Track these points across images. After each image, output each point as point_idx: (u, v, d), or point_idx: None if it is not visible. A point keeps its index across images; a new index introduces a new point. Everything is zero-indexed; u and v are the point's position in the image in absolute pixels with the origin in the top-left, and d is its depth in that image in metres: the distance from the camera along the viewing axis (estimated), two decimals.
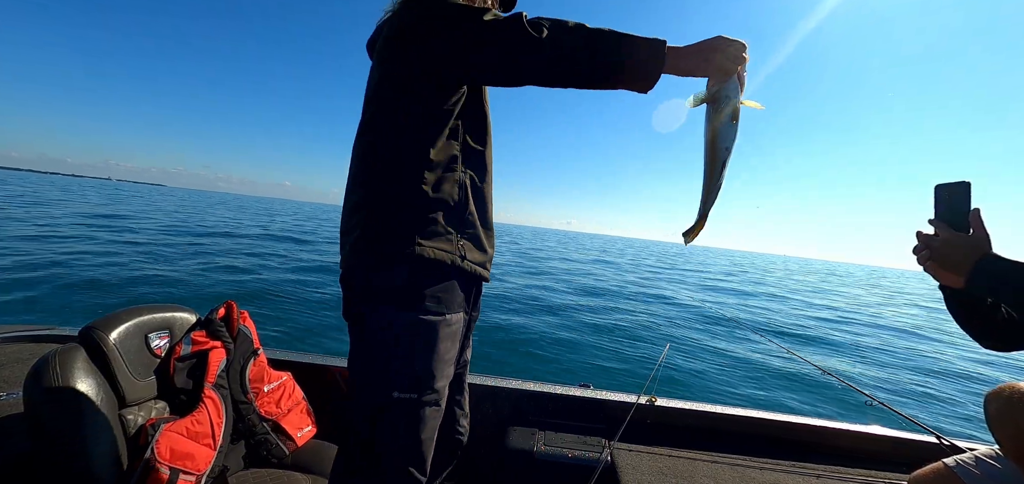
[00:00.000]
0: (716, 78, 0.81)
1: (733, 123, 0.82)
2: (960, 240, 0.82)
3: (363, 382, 0.87)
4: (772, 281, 24.06)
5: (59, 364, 0.93)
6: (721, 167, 0.86)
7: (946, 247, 0.83)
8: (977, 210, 0.82)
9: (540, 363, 5.41)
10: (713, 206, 0.89)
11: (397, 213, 0.85)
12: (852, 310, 14.20)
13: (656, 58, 0.77)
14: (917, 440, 1.62)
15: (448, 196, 0.89)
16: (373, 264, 0.84)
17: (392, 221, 0.84)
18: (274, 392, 1.45)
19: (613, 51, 0.77)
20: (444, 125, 0.89)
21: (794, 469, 1.50)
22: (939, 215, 0.87)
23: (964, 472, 1.05)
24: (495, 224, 1.02)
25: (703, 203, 0.89)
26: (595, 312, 8.91)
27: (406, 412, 0.85)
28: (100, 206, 25.86)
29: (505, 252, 24.78)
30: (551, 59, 0.78)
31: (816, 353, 7.53)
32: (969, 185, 0.83)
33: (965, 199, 0.84)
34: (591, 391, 1.78)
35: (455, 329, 0.91)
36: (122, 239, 12.39)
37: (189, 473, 1.05)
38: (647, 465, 1.45)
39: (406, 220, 0.85)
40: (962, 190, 0.84)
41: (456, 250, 0.89)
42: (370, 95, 0.93)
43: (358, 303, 0.88)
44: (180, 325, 1.29)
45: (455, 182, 0.90)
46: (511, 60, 0.80)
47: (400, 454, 0.86)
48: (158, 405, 1.17)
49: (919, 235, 0.90)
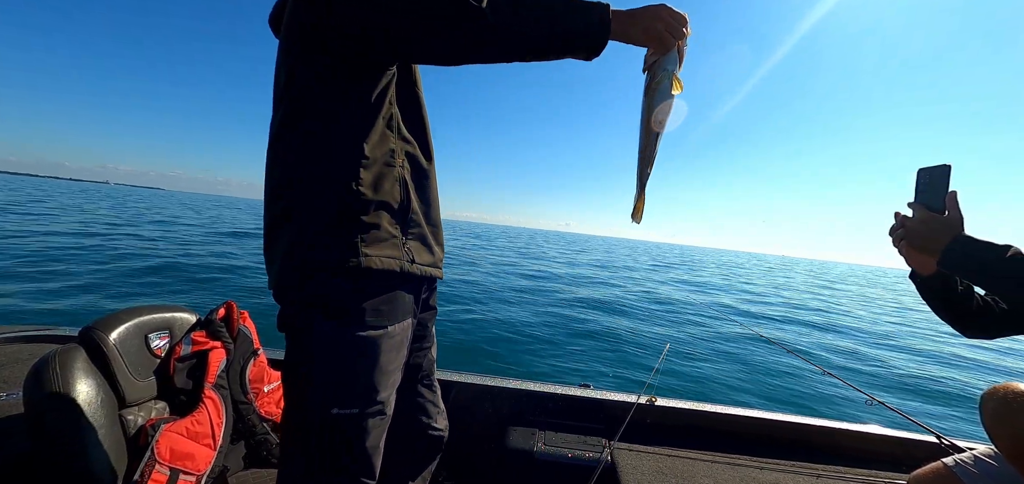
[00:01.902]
0: (655, 49, 0.78)
1: (671, 96, 0.80)
2: (934, 220, 0.83)
3: (300, 399, 0.78)
4: (771, 281, 24.09)
5: (59, 364, 0.93)
6: (655, 139, 0.84)
7: (920, 226, 0.84)
8: (954, 193, 0.82)
9: (542, 360, 5.41)
10: (649, 177, 0.87)
11: (335, 220, 0.75)
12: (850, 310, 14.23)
13: (603, 23, 0.72)
14: (917, 440, 1.62)
15: (389, 195, 0.80)
16: (309, 277, 0.76)
17: (330, 229, 0.75)
18: (274, 392, 1.45)
19: (561, 18, 0.69)
20: (377, 114, 0.80)
21: (794, 469, 1.50)
22: (918, 198, 0.88)
23: (963, 472, 1.05)
24: (492, 225, 0.99)
25: (640, 175, 0.87)
26: (595, 312, 8.92)
27: (349, 427, 0.78)
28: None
29: (508, 252, 24.81)
30: (494, 28, 0.66)
31: (818, 353, 7.53)
32: (949, 168, 0.84)
33: (944, 181, 0.84)
34: (591, 391, 1.78)
35: (400, 339, 0.86)
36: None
37: (189, 473, 1.05)
38: (647, 465, 1.45)
39: (346, 227, 0.76)
40: (942, 172, 0.85)
41: (403, 254, 0.83)
42: (284, 83, 0.78)
43: (293, 318, 0.78)
44: (180, 325, 1.29)
45: (395, 179, 0.82)
46: (443, 33, 0.68)
47: (347, 467, 0.80)
48: (158, 405, 1.17)
49: (896, 215, 0.91)
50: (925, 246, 0.83)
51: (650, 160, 0.86)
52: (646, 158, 0.86)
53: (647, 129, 0.83)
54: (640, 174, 0.87)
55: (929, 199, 0.86)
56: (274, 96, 0.82)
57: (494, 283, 11.28)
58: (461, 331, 6.31)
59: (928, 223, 0.83)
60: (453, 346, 5.58)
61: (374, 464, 0.84)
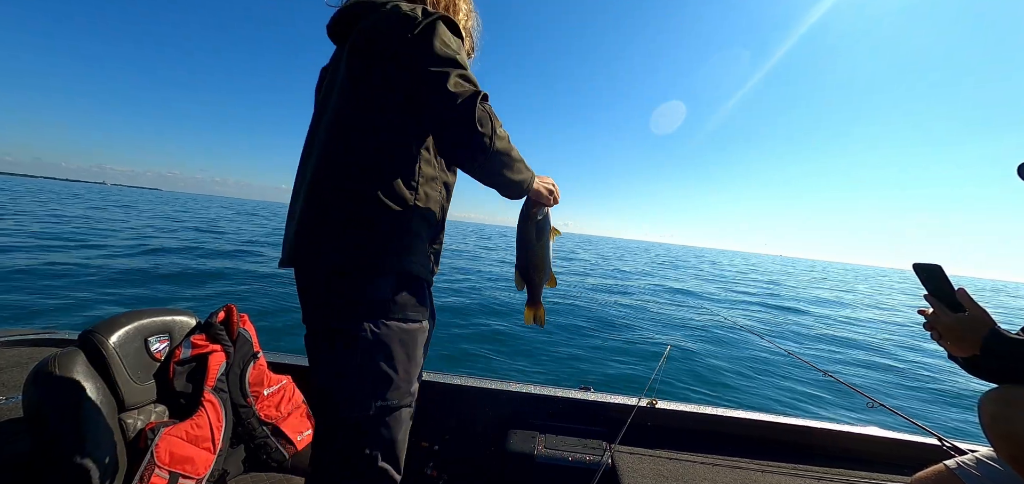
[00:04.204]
0: (541, 203, 1.11)
1: (547, 232, 1.15)
2: (960, 322, 0.97)
3: (346, 395, 0.84)
4: (779, 283, 24.07)
5: (59, 368, 0.92)
6: (544, 254, 1.15)
7: (951, 333, 0.99)
8: (962, 290, 0.98)
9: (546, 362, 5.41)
10: (543, 285, 1.17)
11: (395, 229, 0.86)
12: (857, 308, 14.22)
13: (529, 185, 1.01)
14: (919, 442, 1.61)
15: (429, 216, 0.94)
16: (367, 280, 0.84)
17: (388, 237, 0.85)
18: (274, 396, 1.45)
19: (516, 174, 0.95)
20: (431, 150, 0.95)
21: (795, 472, 1.49)
22: (931, 292, 1.03)
23: (966, 474, 1.04)
24: (495, 229, 1.07)
25: (531, 285, 1.17)
26: (596, 310, 8.92)
27: (389, 418, 0.86)
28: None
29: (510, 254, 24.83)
30: (487, 160, 0.87)
31: (818, 354, 7.52)
32: (941, 268, 1.01)
33: (945, 281, 1.00)
34: (591, 394, 1.78)
35: (428, 335, 0.98)
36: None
37: (188, 477, 1.05)
38: (648, 468, 1.44)
39: (400, 236, 0.87)
40: (939, 272, 1.01)
41: (430, 265, 0.97)
42: (354, 95, 0.86)
43: (341, 317, 0.84)
44: (180, 329, 1.29)
45: (436, 203, 0.96)
46: (459, 154, 0.88)
47: (382, 459, 0.87)
48: (158, 409, 1.17)
49: (924, 314, 1.05)
50: (964, 342, 0.97)
51: (543, 274, 1.16)
52: (540, 273, 1.15)
53: (539, 252, 1.14)
54: (532, 285, 1.16)
55: (941, 293, 1.01)
56: (336, 102, 0.89)
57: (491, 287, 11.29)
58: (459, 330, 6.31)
59: (955, 328, 0.98)
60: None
61: (401, 458, 0.90)
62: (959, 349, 0.99)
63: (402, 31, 0.83)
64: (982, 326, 0.94)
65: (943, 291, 1.01)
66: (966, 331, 0.96)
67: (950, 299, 1.00)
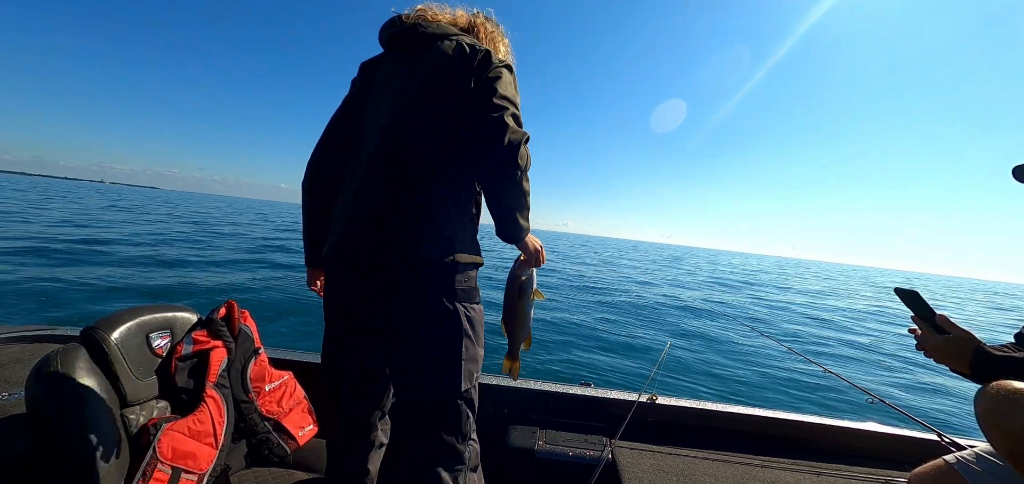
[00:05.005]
0: (530, 262, 1.20)
1: (528, 293, 1.23)
2: (947, 345, 1.04)
3: (447, 372, 0.98)
4: (774, 281, 24.05)
5: (61, 364, 0.93)
6: (524, 314, 1.23)
7: (939, 354, 1.07)
8: (943, 316, 1.06)
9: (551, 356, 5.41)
10: (522, 341, 1.25)
11: (467, 229, 1.06)
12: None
13: (525, 233, 1.10)
14: (918, 437, 1.62)
15: (475, 223, 1.13)
16: (457, 269, 1.00)
17: (469, 238, 1.06)
18: (275, 391, 1.45)
19: (522, 218, 1.05)
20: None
21: (795, 467, 1.50)
22: (917, 313, 1.11)
23: (965, 469, 1.05)
24: (491, 228, 1.19)
25: (511, 339, 1.26)
26: (595, 311, 8.91)
27: (476, 389, 1.04)
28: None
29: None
30: (509, 204, 1.01)
31: (819, 352, 7.52)
32: (917, 293, 1.10)
33: (924, 305, 1.09)
34: (592, 390, 1.78)
35: None
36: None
37: (191, 472, 1.05)
38: (648, 463, 1.45)
39: (471, 235, 1.07)
40: (916, 297, 1.10)
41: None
42: (430, 108, 1.01)
43: (444, 301, 0.98)
44: (181, 325, 1.29)
45: (478, 206, 1.13)
46: (492, 178, 1.00)
47: (473, 428, 1.05)
48: (160, 405, 1.17)
49: (914, 334, 1.13)
50: (952, 361, 1.04)
51: (523, 329, 1.24)
52: (520, 328, 1.24)
53: (520, 311, 1.23)
54: (512, 340, 1.25)
55: (925, 316, 1.10)
56: (400, 110, 1.03)
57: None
58: None
59: (942, 349, 1.05)
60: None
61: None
62: (949, 367, 1.07)
63: (485, 63, 1.02)
64: (966, 346, 1.01)
65: (924, 314, 1.10)
66: (953, 353, 1.03)
67: (931, 321, 1.08)
